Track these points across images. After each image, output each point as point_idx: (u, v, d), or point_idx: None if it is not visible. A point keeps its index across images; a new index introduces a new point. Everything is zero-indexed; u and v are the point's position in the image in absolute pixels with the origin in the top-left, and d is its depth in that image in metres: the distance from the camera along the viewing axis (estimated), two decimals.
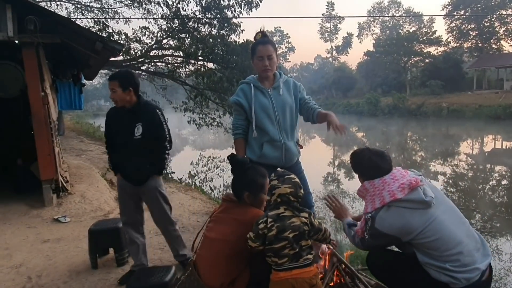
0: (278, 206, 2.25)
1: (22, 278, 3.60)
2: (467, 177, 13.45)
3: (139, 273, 2.85)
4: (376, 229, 2.27)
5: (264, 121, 3.04)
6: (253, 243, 2.24)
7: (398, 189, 2.24)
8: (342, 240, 5.72)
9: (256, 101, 3.05)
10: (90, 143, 14.77)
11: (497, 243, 6.92)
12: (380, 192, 2.31)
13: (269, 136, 3.04)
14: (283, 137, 3.08)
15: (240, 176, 2.49)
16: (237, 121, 3.16)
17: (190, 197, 6.60)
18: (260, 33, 3.08)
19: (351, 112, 44.41)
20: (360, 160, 2.48)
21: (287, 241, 2.16)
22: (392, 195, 2.24)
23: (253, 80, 3.15)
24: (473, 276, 2.15)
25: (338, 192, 11.45)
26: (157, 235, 4.64)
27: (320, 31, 69.80)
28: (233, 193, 2.53)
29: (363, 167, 2.46)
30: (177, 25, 15.18)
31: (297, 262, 2.18)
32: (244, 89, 3.13)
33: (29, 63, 5.58)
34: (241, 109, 3.10)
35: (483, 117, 28.76)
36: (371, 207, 2.34)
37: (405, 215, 2.21)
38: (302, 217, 2.21)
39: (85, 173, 7.47)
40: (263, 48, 2.99)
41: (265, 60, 2.99)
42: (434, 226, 2.18)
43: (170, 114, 18.65)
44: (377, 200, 2.31)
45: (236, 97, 3.13)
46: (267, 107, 3.05)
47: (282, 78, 3.16)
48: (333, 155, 21.03)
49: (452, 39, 48.99)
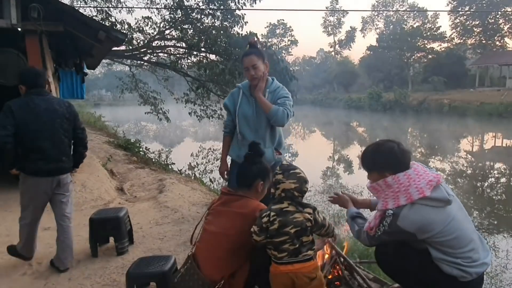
0: (282, 200, 2.26)
1: (22, 265, 3.63)
2: (466, 174, 13.47)
3: (140, 262, 2.88)
4: (397, 227, 2.17)
5: (244, 128, 3.32)
6: (257, 237, 2.26)
7: (426, 186, 2.15)
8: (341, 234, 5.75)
9: (240, 108, 3.32)
10: (91, 132, 14.78)
11: (494, 240, 6.96)
12: (406, 189, 2.18)
13: (247, 141, 3.21)
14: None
15: (255, 165, 2.52)
16: (227, 121, 3.50)
17: (190, 188, 6.63)
18: (248, 44, 3.32)
19: (352, 107, 44.35)
20: (383, 152, 2.32)
21: (288, 236, 2.18)
22: (421, 192, 2.14)
23: (245, 86, 3.39)
24: (482, 271, 2.21)
25: (337, 187, 11.48)
26: (157, 225, 4.68)
27: (323, 25, 69.43)
28: (242, 182, 2.53)
29: (386, 160, 2.30)
30: (180, 16, 15.12)
31: (296, 257, 2.19)
32: (234, 94, 3.44)
33: (32, 51, 5.57)
34: (229, 111, 3.43)
35: (484, 115, 28.69)
36: (392, 204, 2.21)
37: (429, 213, 2.15)
38: (305, 213, 2.21)
39: (86, 162, 7.43)
40: (246, 59, 3.22)
41: (250, 70, 3.20)
42: (453, 225, 2.15)
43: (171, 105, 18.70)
44: (402, 197, 2.18)
45: (226, 100, 3.47)
46: (248, 115, 3.31)
47: (272, 87, 3.33)
48: (333, 149, 21.04)
49: (456, 35, 48.80)
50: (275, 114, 3.16)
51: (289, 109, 3.23)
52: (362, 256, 4.04)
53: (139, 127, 31.77)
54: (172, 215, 5.05)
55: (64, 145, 3.41)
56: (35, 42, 5.56)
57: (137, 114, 25.57)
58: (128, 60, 17.81)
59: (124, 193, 6.48)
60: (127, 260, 3.60)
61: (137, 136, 18.76)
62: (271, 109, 3.16)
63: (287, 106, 3.23)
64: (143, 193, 6.46)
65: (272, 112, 3.16)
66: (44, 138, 3.26)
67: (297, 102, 17.98)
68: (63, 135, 3.38)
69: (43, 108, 3.27)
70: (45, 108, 3.28)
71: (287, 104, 3.24)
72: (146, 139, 22.29)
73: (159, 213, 5.19)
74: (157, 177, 7.45)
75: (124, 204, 5.63)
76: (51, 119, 3.29)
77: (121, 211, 3.88)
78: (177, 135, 26.40)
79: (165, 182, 6.86)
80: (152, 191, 6.48)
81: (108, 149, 10.82)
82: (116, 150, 10.75)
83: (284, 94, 3.31)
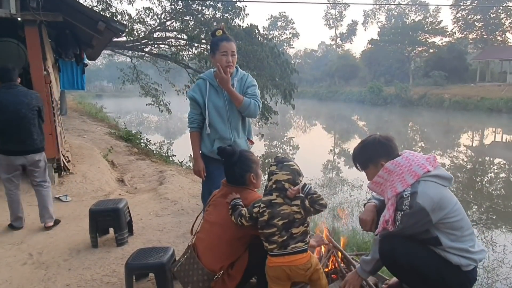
0: (271, 192, 2.27)
1: (23, 255, 3.66)
2: (466, 169, 13.49)
3: (139, 253, 2.90)
4: (417, 204, 2.11)
5: (215, 120, 3.20)
6: (246, 222, 2.30)
7: (426, 162, 2.20)
8: (339, 227, 5.79)
9: (210, 100, 3.20)
10: (92, 123, 14.79)
11: (492, 234, 6.99)
12: (408, 169, 2.20)
13: (220, 134, 3.21)
14: (233, 135, 3.25)
15: (237, 163, 2.51)
16: (193, 115, 3.30)
17: (190, 180, 6.65)
18: (220, 30, 3.18)
19: (353, 100, 44.25)
20: (369, 143, 2.38)
21: (276, 228, 2.19)
22: (424, 167, 2.18)
23: (209, 77, 3.25)
24: (483, 257, 2.27)
25: (337, 180, 11.50)
26: (157, 217, 4.70)
27: (325, 18, 69.03)
28: (234, 180, 2.54)
29: (375, 148, 2.34)
30: (181, 7, 15.08)
31: (285, 250, 2.19)
32: (200, 85, 3.27)
33: (31, 42, 5.55)
34: (197, 104, 3.24)
35: (485, 110, 28.66)
36: (401, 186, 2.19)
37: (441, 189, 2.17)
38: (293, 206, 2.20)
39: (87, 153, 7.51)
40: (228, 44, 3.10)
41: (228, 56, 3.10)
42: (459, 206, 2.21)
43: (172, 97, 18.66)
44: (408, 177, 2.18)
45: (192, 93, 3.28)
46: (219, 106, 3.20)
47: (238, 76, 3.25)
48: (334, 143, 21.05)
49: (458, 29, 48.56)
50: (247, 107, 3.15)
51: (259, 100, 3.25)
52: (360, 249, 4.08)
53: (140, 119, 31.75)
54: (172, 207, 5.07)
55: (29, 131, 4.14)
56: (34, 32, 5.54)
57: (139, 105, 25.53)
58: (129, 51, 17.77)
59: (124, 185, 6.50)
60: (126, 251, 3.62)
61: (138, 128, 18.75)
62: (243, 102, 3.13)
63: (257, 97, 3.23)
64: (144, 185, 6.48)
65: (244, 106, 3.14)
66: (12, 126, 4.04)
67: (298, 95, 17.98)
68: (28, 123, 4.10)
69: (10, 101, 4.02)
70: (12, 101, 4.03)
71: (256, 95, 3.24)
72: (148, 130, 22.30)
73: (159, 204, 5.21)
74: (158, 169, 7.47)
75: (125, 196, 5.65)
76: (16, 110, 4.03)
77: (120, 203, 3.89)
78: (179, 127, 26.35)
79: (166, 174, 6.88)
80: (152, 183, 6.50)
81: (109, 140, 10.83)
82: (117, 142, 10.77)
83: (252, 82, 3.29)
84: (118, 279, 3.12)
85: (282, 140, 20.93)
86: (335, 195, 9.57)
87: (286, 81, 14.31)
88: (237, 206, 2.39)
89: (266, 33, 18.08)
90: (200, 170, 3.33)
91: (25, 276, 3.26)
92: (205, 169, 3.32)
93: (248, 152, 2.67)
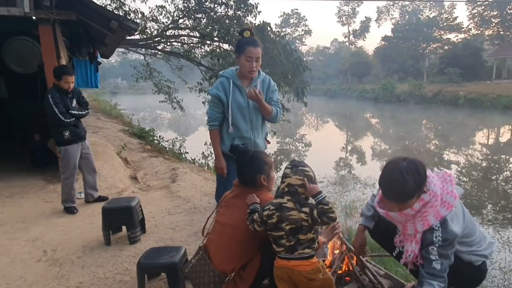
0: (283, 195, 2.23)
1: (37, 251, 3.70)
2: (481, 167, 13.28)
3: (150, 252, 2.90)
4: (452, 233, 2.02)
5: (238, 119, 3.26)
6: (258, 227, 2.27)
7: (450, 185, 2.11)
8: (352, 226, 5.73)
9: (233, 99, 3.23)
10: (107, 120, 14.91)
11: (509, 234, 6.87)
12: (441, 197, 2.06)
13: (241, 133, 3.27)
14: (253, 135, 3.34)
15: (248, 163, 2.48)
16: (214, 113, 3.35)
17: (203, 178, 6.64)
18: (248, 31, 3.17)
19: (366, 98, 43.94)
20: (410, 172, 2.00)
21: (284, 232, 2.17)
22: (453, 195, 2.07)
23: (232, 76, 3.28)
24: (492, 250, 2.29)
25: (350, 178, 11.42)
26: (169, 215, 4.71)
27: (337, 15, 68.66)
28: (245, 181, 2.51)
29: (418, 178, 2.01)
30: (193, 5, 15.09)
31: (292, 254, 2.18)
32: (224, 84, 3.29)
33: (45, 40, 5.59)
34: (220, 102, 3.28)
35: (501, 107, 28.14)
36: (434, 219, 2.04)
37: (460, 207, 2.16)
38: (302, 213, 2.16)
39: (101, 151, 7.55)
40: (254, 50, 3.10)
41: (253, 61, 3.11)
42: (468, 215, 2.20)
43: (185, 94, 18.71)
44: (442, 209, 2.04)
45: (216, 91, 3.29)
46: (243, 106, 3.25)
47: (260, 77, 3.28)
48: (346, 140, 20.92)
49: (473, 26, 47.89)
50: (275, 117, 3.32)
51: (280, 107, 3.39)
52: (373, 249, 4.02)
53: (154, 116, 31.95)
54: (184, 205, 5.07)
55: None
56: (48, 30, 5.57)
57: (153, 102, 25.66)
58: (143, 49, 17.86)
59: (137, 182, 6.53)
60: (139, 249, 3.63)
61: (152, 125, 18.88)
62: (272, 114, 3.28)
63: (279, 104, 3.36)
64: (156, 182, 6.50)
65: (272, 116, 3.30)
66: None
67: (311, 92, 17.88)
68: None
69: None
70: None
71: (279, 101, 3.37)
72: (161, 127, 22.42)
73: (171, 202, 5.22)
74: (170, 166, 7.48)
75: (138, 193, 5.68)
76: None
77: (133, 201, 3.90)
78: (191, 124, 26.46)
79: (178, 171, 6.89)
80: (165, 180, 6.52)
81: (123, 137, 10.90)
82: (130, 139, 10.83)
83: (275, 87, 3.39)
84: (130, 278, 3.13)
85: (295, 138, 20.88)
86: (347, 193, 9.50)
87: (298, 78, 14.28)
88: (254, 213, 2.35)
89: (279, 30, 17.96)
90: (223, 167, 3.41)
91: (39, 273, 3.29)
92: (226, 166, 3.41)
93: (262, 153, 2.63)
